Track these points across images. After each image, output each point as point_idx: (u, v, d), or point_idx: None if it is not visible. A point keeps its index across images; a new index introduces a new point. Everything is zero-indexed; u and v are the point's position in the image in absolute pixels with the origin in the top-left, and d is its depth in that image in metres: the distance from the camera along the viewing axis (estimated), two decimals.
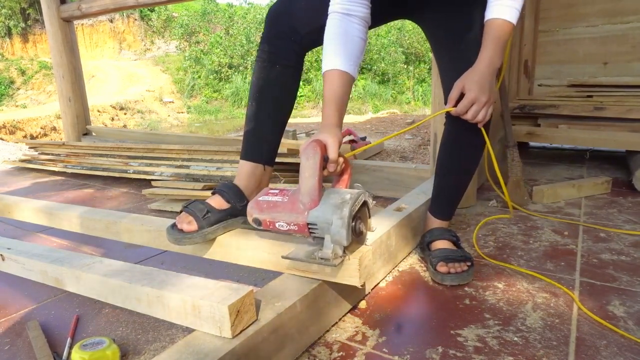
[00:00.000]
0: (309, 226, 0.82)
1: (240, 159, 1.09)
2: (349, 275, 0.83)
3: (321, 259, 0.81)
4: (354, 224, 0.81)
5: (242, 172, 1.08)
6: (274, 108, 1.09)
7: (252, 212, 0.88)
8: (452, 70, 1.05)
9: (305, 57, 1.14)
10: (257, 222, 0.88)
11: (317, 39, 1.05)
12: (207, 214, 0.98)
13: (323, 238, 0.82)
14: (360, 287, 0.92)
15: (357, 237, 0.84)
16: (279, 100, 1.10)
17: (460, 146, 1.13)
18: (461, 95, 0.99)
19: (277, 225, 0.85)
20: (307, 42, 1.08)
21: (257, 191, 1.05)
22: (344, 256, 0.82)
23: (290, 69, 1.09)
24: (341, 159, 0.90)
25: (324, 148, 0.86)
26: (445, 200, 1.21)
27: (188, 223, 0.97)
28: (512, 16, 0.97)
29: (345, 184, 0.92)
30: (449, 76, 1.07)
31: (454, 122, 1.09)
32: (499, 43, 0.98)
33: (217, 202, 1.01)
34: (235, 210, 1.02)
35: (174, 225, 0.99)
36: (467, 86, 0.97)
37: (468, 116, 0.98)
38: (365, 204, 0.86)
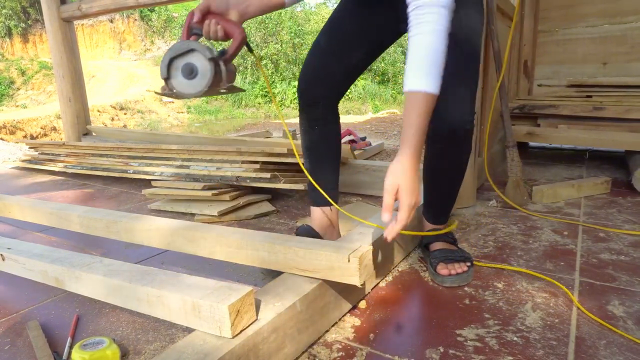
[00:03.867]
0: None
1: (311, 205, 1.23)
2: (349, 274, 0.83)
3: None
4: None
5: (315, 216, 1.22)
6: (325, 161, 1.21)
7: None
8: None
9: None
10: None
11: (344, 83, 1.14)
12: None
13: None
14: (360, 287, 0.92)
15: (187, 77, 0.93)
16: (327, 154, 1.21)
17: (443, 162, 1.08)
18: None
19: None
20: (337, 94, 1.15)
21: (329, 228, 1.21)
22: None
23: (329, 125, 1.18)
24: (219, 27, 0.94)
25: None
26: (435, 209, 1.18)
27: None
28: (428, 83, 0.81)
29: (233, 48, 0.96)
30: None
31: (435, 143, 1.04)
32: (420, 128, 0.84)
33: None
34: None
35: None
36: (403, 193, 0.84)
37: (404, 223, 0.85)
38: (192, 51, 0.92)
